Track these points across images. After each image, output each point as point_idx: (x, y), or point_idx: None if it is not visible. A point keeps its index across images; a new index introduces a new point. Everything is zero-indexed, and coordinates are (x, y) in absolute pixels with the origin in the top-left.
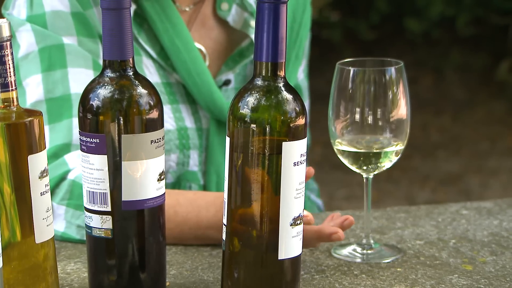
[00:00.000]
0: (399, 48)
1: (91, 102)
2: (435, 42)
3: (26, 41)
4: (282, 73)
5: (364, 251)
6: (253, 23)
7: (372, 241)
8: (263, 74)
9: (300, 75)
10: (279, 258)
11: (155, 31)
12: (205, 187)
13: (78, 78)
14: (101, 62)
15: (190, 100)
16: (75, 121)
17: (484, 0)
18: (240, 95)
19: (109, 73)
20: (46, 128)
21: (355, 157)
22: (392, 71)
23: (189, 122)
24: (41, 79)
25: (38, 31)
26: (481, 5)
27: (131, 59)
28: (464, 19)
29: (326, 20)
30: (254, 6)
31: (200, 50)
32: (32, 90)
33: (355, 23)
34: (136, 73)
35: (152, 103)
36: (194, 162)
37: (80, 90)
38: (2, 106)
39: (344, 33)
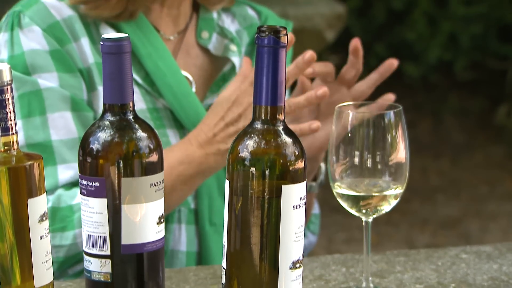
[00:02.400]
0: (398, 92)
1: (91, 146)
2: (433, 86)
3: None
4: (281, 117)
5: None
6: (233, 47)
7: (371, 285)
8: (263, 118)
9: None
10: None
11: (138, 57)
12: (196, 211)
13: (57, 124)
14: (82, 95)
15: (177, 125)
16: (60, 169)
17: (481, 45)
18: (239, 138)
19: (109, 117)
20: None
21: (355, 200)
22: (391, 115)
23: None
24: (22, 125)
25: (17, 77)
26: (478, 49)
27: (131, 103)
28: (461, 64)
29: None
30: (234, 33)
31: (186, 78)
32: None
33: None
34: (136, 117)
35: (151, 147)
36: None
37: (60, 136)
38: (3, 150)
39: None
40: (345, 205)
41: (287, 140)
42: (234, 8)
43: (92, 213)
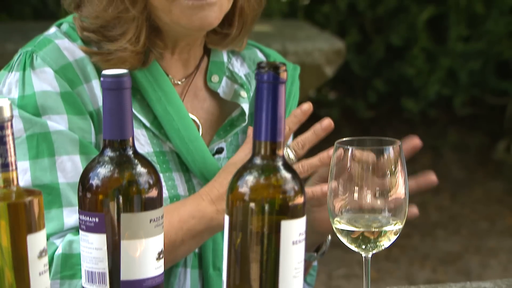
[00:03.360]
0: (397, 127)
1: (90, 181)
2: (432, 121)
3: (14, 126)
4: (280, 152)
5: None
6: (243, 93)
7: None
8: (262, 153)
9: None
10: None
11: (147, 100)
12: (200, 255)
13: (65, 166)
14: (91, 138)
15: (183, 169)
16: (65, 212)
17: (479, 81)
18: (239, 174)
19: (109, 153)
20: None
21: (354, 236)
22: (390, 150)
23: (182, 190)
24: (29, 166)
25: (26, 118)
26: (477, 85)
27: (131, 138)
28: (460, 99)
29: (324, 98)
30: (244, 78)
31: (194, 120)
32: (19, 176)
33: (353, 102)
34: (135, 152)
35: (151, 182)
36: None
37: (67, 179)
38: (3, 185)
39: (342, 112)
40: (344, 240)
41: (287, 175)
42: (244, 51)
43: (92, 248)
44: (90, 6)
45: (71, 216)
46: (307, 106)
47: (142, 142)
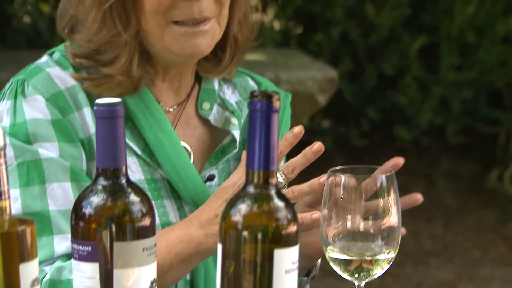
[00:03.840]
0: (390, 155)
1: (83, 210)
2: (425, 150)
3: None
4: (273, 181)
5: None
6: (234, 120)
7: None
8: (255, 182)
9: None
10: None
11: (139, 128)
12: (192, 282)
13: (56, 194)
14: (82, 165)
15: (175, 196)
16: (56, 239)
17: (472, 109)
18: (232, 202)
19: (102, 181)
20: None
21: (347, 264)
22: (383, 179)
23: (173, 217)
24: (19, 194)
25: (17, 146)
26: (469, 114)
27: (124, 167)
28: (453, 128)
29: (317, 127)
30: (235, 105)
31: (185, 148)
32: None
33: (346, 130)
34: (129, 181)
35: (144, 211)
36: None
37: (58, 206)
38: None
39: (335, 140)
40: (337, 269)
41: (280, 204)
42: (235, 78)
43: (84, 277)
44: (84, 28)
45: (62, 244)
46: (299, 129)
47: (133, 170)
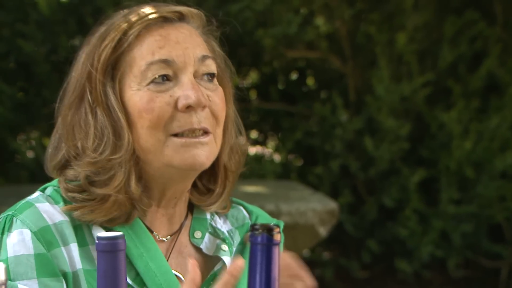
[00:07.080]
0: None
1: None
2: (427, 282)
3: None
4: None
5: None
6: (224, 246)
7: None
8: None
9: None
10: None
11: (129, 257)
12: None
13: None
14: None
15: None
16: None
17: (472, 243)
18: None
19: None
20: None
21: None
22: None
23: None
24: None
25: None
26: (470, 248)
27: None
28: (454, 261)
29: (318, 258)
30: (226, 233)
31: (178, 277)
32: None
33: (347, 262)
34: None
35: None
36: None
37: None
38: None
39: (336, 272)
40: None
41: None
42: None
43: None
44: (85, 156)
45: None
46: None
47: None
